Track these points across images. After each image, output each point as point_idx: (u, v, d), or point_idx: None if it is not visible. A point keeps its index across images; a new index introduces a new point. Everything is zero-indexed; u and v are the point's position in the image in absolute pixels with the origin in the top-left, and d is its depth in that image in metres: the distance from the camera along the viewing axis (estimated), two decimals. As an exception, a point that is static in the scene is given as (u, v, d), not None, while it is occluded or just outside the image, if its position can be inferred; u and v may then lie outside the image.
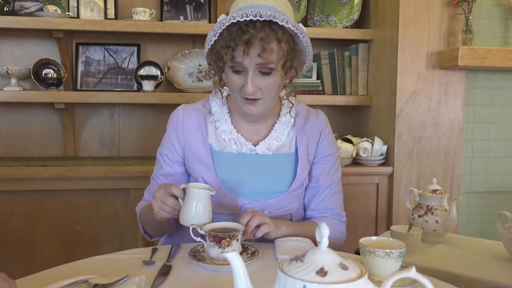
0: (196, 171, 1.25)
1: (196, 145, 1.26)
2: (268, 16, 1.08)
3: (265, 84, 1.16)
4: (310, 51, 1.19)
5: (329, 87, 2.44)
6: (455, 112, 2.18)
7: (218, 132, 1.27)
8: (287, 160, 1.27)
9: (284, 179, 1.26)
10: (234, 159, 1.25)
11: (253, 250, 1.07)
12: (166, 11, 2.39)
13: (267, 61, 1.12)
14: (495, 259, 1.32)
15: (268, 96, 1.18)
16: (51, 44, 2.29)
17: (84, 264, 1.04)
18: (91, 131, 2.40)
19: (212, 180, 1.23)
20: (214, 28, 1.13)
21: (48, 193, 1.96)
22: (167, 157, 1.31)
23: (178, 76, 2.40)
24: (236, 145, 1.26)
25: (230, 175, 1.23)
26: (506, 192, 2.31)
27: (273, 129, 1.28)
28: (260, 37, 1.10)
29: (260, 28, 1.10)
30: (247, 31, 1.09)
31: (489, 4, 2.19)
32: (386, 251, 0.90)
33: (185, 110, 1.31)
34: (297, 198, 1.30)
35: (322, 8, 2.49)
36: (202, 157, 1.25)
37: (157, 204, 1.08)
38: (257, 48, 1.10)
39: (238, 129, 1.28)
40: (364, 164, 2.22)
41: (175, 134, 1.30)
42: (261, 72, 1.14)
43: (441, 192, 1.49)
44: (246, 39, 1.09)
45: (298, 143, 1.29)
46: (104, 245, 2.00)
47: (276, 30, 1.12)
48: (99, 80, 2.36)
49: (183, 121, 1.29)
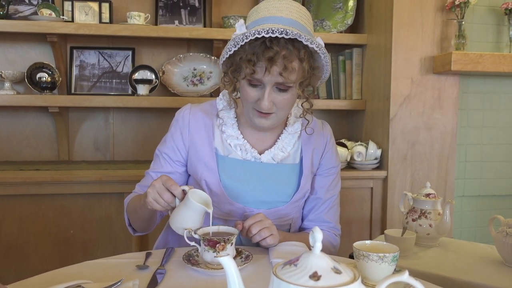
0: (199, 173, 1.23)
1: (202, 147, 1.24)
2: (294, 35, 1.05)
3: (280, 100, 1.14)
4: (329, 69, 1.18)
5: (323, 92, 2.45)
6: (449, 117, 2.20)
7: (224, 137, 1.25)
8: (291, 171, 1.26)
9: (287, 190, 1.25)
10: (238, 166, 1.23)
11: (247, 254, 1.07)
12: (161, 15, 2.40)
13: (287, 81, 1.10)
14: (488, 263, 1.32)
15: (282, 112, 1.17)
16: (45, 48, 2.29)
17: (77, 268, 1.03)
18: (85, 135, 2.39)
19: (215, 185, 1.21)
20: (235, 39, 1.09)
21: (41, 197, 1.95)
22: (167, 156, 1.27)
23: (172, 80, 2.40)
24: (241, 152, 1.24)
25: (234, 182, 1.22)
26: (499, 196, 2.32)
27: (279, 139, 1.27)
28: (283, 55, 1.08)
29: (283, 46, 1.07)
30: (271, 47, 1.06)
31: (481, 9, 2.21)
32: (380, 255, 0.91)
33: (192, 110, 1.27)
34: (297, 208, 1.30)
35: (316, 13, 2.50)
36: (207, 160, 1.23)
37: (153, 194, 1.04)
38: (279, 66, 1.08)
39: (244, 135, 1.26)
40: (358, 168, 2.22)
41: (180, 134, 1.26)
42: (278, 88, 1.13)
43: (434, 196, 1.50)
44: (269, 56, 1.06)
45: (303, 154, 1.28)
46: (98, 250, 2.00)
47: (299, 49, 1.09)
48: (93, 84, 2.36)
49: (190, 122, 1.26)
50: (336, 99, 2.43)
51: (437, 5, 2.14)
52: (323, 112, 2.59)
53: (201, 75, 2.42)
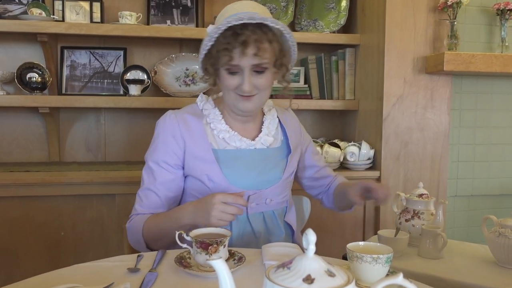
0: (199, 171, 1.28)
1: (196, 146, 1.29)
2: (260, 19, 1.19)
3: (260, 82, 1.25)
4: (295, 49, 1.31)
5: (316, 92, 2.45)
6: (441, 117, 2.20)
7: (216, 133, 1.33)
8: (280, 152, 1.40)
9: (278, 168, 1.37)
10: (235, 155, 1.32)
11: (240, 256, 1.06)
12: (153, 15, 2.38)
13: (262, 61, 1.21)
14: (481, 263, 1.33)
15: (263, 93, 1.29)
16: (36, 47, 2.26)
17: (68, 272, 1.02)
18: (76, 136, 2.37)
19: (218, 176, 1.27)
20: (209, 34, 1.21)
21: (32, 199, 1.92)
22: (165, 163, 1.28)
23: (165, 81, 2.39)
24: (234, 142, 1.33)
25: (233, 170, 1.30)
26: (492, 196, 2.33)
27: (263, 126, 1.39)
28: (254, 39, 1.19)
29: (252, 31, 1.20)
30: (242, 33, 1.19)
31: (473, 9, 2.21)
32: (374, 256, 0.90)
33: (177, 115, 1.32)
34: (288, 185, 1.44)
35: (309, 13, 2.49)
36: (205, 156, 1.28)
37: (216, 216, 1.08)
38: (253, 48, 1.19)
39: (232, 128, 1.35)
40: (351, 168, 2.22)
41: (172, 137, 1.29)
42: (256, 71, 1.24)
43: (427, 196, 1.50)
44: (242, 40, 1.18)
45: (288, 135, 1.43)
46: (89, 252, 1.97)
47: (266, 32, 1.22)
48: (84, 84, 2.34)
49: (179, 124, 1.30)
50: (329, 99, 2.42)
51: (429, 5, 2.14)
52: (316, 112, 2.59)
53: (194, 75, 2.41)
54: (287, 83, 1.37)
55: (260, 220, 1.34)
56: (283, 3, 2.47)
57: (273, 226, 1.36)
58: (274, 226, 1.36)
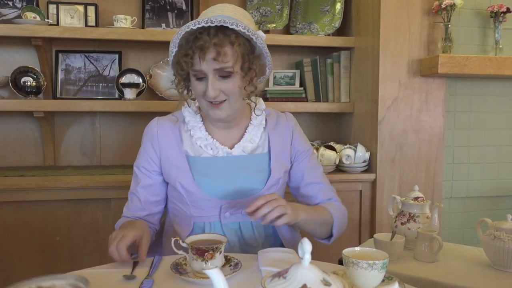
0: (173, 177, 1.28)
1: (172, 152, 1.30)
2: (218, 22, 1.15)
3: (226, 87, 1.21)
4: (267, 52, 1.25)
5: (311, 94, 2.45)
6: (436, 119, 2.21)
7: (194, 140, 1.31)
8: (261, 160, 1.33)
9: (260, 177, 1.30)
10: (210, 163, 1.29)
11: (236, 262, 1.06)
12: (148, 18, 2.38)
13: (223, 65, 1.17)
14: (477, 266, 1.33)
15: (232, 98, 1.23)
16: (30, 51, 2.25)
17: (62, 279, 1.01)
18: (71, 140, 2.36)
19: (189, 184, 1.26)
20: (173, 40, 1.21)
21: (26, 204, 1.91)
22: (144, 169, 1.33)
23: (160, 84, 2.38)
24: (212, 150, 1.30)
25: (207, 179, 1.27)
26: (486, 198, 2.34)
27: (246, 132, 1.34)
28: (213, 43, 1.16)
29: (213, 34, 1.16)
30: (200, 37, 1.16)
31: (467, 12, 2.22)
32: (369, 262, 0.90)
33: (158, 122, 1.34)
34: None
35: (304, 16, 2.50)
36: (178, 163, 1.28)
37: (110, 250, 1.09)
38: (212, 53, 1.16)
39: (212, 135, 1.32)
40: (347, 171, 2.22)
41: (150, 145, 1.32)
42: (221, 76, 1.20)
43: (423, 199, 1.50)
44: (200, 44, 1.16)
45: (271, 142, 1.34)
46: (85, 257, 1.96)
47: (229, 35, 1.18)
48: (79, 88, 2.33)
49: (158, 131, 1.32)
50: (324, 102, 2.42)
51: (423, 8, 2.15)
52: (311, 115, 2.59)
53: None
54: (253, 87, 1.27)
55: (234, 231, 1.29)
56: (278, 6, 2.47)
57: (249, 237, 1.30)
58: (251, 237, 1.31)
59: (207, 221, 1.27)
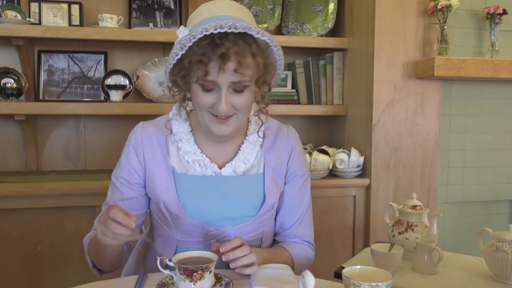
0: (156, 195, 1.15)
1: (157, 167, 1.16)
2: (243, 28, 0.99)
3: (239, 102, 1.07)
4: (282, 64, 1.12)
5: (304, 97, 2.39)
6: (431, 122, 2.16)
7: (181, 153, 1.17)
8: (255, 182, 1.18)
9: (253, 202, 1.17)
10: (197, 182, 1.15)
11: (227, 281, 0.98)
12: (135, 18, 2.29)
13: (243, 78, 1.03)
14: (477, 277, 1.28)
15: (241, 113, 1.10)
16: (11, 52, 2.15)
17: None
18: (55, 143, 2.26)
19: (173, 205, 1.13)
20: (181, 41, 1.02)
21: (7, 212, 1.83)
22: (125, 180, 1.18)
23: (147, 85, 2.30)
24: (200, 167, 1.16)
25: (194, 200, 1.14)
26: (482, 202, 2.30)
27: (240, 150, 1.19)
28: (235, 51, 1.00)
29: (233, 41, 1.00)
30: (221, 44, 0.99)
31: (463, 13, 2.18)
32: (372, 284, 0.84)
33: (144, 128, 1.19)
34: (267, 221, 1.21)
35: (296, 16, 2.43)
36: (163, 180, 1.15)
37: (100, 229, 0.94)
38: (233, 63, 1.00)
39: (202, 149, 1.18)
40: (340, 176, 2.16)
41: (135, 155, 1.18)
42: (234, 89, 1.05)
43: (421, 207, 1.45)
44: (221, 53, 0.99)
45: (265, 163, 1.20)
46: (68, 266, 1.89)
47: (250, 43, 1.02)
48: (63, 89, 2.24)
49: (143, 140, 1.18)
50: (317, 104, 2.36)
51: (419, 9, 2.10)
52: (303, 117, 2.53)
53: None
54: (265, 104, 1.15)
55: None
56: (269, 6, 2.40)
57: None
58: None
59: (191, 246, 1.14)
